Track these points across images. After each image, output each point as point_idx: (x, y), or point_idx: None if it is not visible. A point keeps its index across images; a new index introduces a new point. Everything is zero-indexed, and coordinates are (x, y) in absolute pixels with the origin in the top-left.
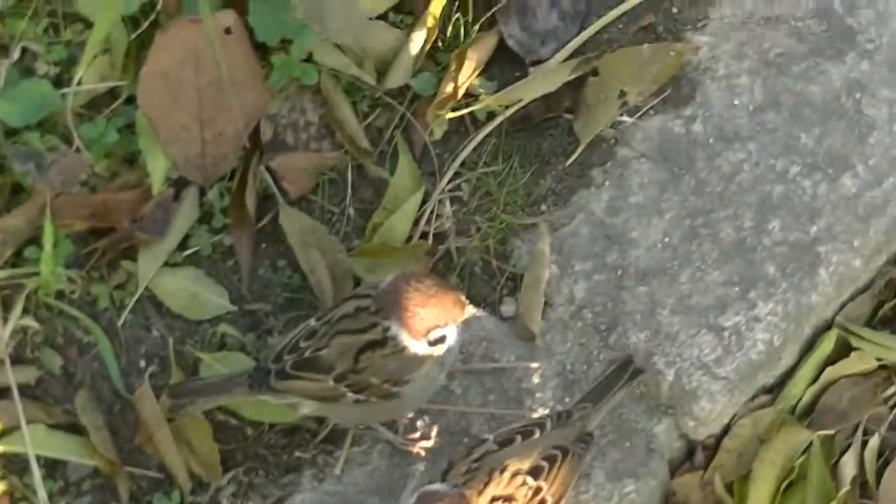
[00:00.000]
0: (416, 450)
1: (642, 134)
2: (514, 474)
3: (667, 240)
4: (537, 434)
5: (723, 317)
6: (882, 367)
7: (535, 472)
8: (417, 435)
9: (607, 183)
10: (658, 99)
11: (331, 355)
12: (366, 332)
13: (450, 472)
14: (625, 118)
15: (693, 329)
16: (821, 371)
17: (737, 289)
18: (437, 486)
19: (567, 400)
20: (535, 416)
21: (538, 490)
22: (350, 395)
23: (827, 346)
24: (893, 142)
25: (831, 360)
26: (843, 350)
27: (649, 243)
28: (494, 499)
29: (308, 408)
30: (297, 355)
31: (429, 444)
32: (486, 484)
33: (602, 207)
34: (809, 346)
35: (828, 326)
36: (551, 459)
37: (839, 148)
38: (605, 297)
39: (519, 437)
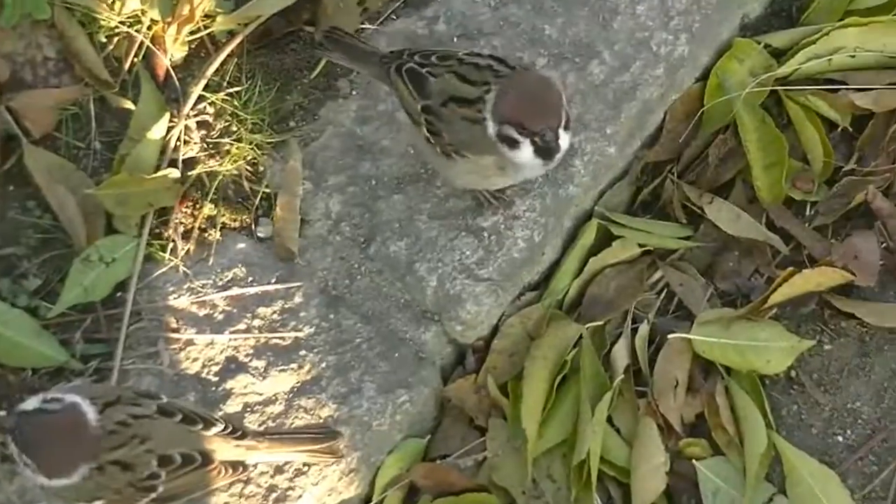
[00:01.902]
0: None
1: (386, 39)
2: (148, 451)
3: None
4: (200, 426)
5: (481, 218)
6: (645, 252)
7: (163, 462)
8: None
9: (354, 93)
10: (399, 2)
11: (435, 85)
12: (474, 88)
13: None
14: (367, 25)
15: (452, 233)
16: (585, 263)
17: None
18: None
19: (332, 317)
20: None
21: (154, 476)
22: (420, 127)
23: (588, 236)
24: (637, 25)
25: (594, 251)
26: (606, 240)
27: (401, 150)
28: (117, 462)
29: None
30: (421, 59)
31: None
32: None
33: (351, 118)
34: (572, 239)
35: (588, 217)
36: (188, 459)
37: (584, 36)
38: (362, 208)
39: (180, 415)
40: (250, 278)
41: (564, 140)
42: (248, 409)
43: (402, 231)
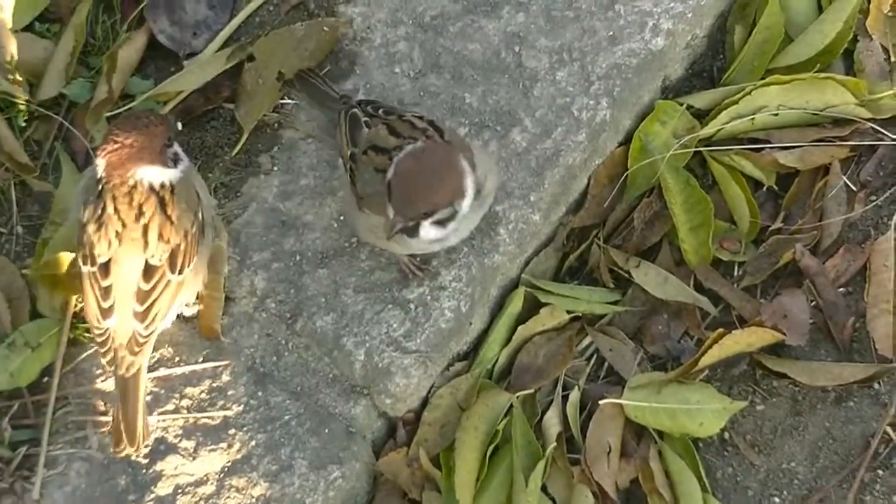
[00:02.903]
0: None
1: (306, 114)
2: None
3: (342, 218)
4: None
5: (406, 290)
6: (574, 318)
7: None
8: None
9: (276, 168)
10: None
11: (367, 135)
12: (395, 139)
13: None
14: (286, 100)
15: (378, 306)
16: (513, 331)
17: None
18: None
19: (260, 394)
20: (229, 413)
21: None
22: (346, 174)
23: (516, 304)
24: (557, 91)
25: (522, 319)
26: (534, 307)
27: (325, 224)
28: None
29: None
30: (370, 108)
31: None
32: None
33: (274, 194)
34: (499, 307)
35: (515, 285)
36: None
37: (505, 104)
38: (287, 284)
39: None
40: (177, 358)
41: (427, 231)
42: (180, 491)
43: (328, 305)
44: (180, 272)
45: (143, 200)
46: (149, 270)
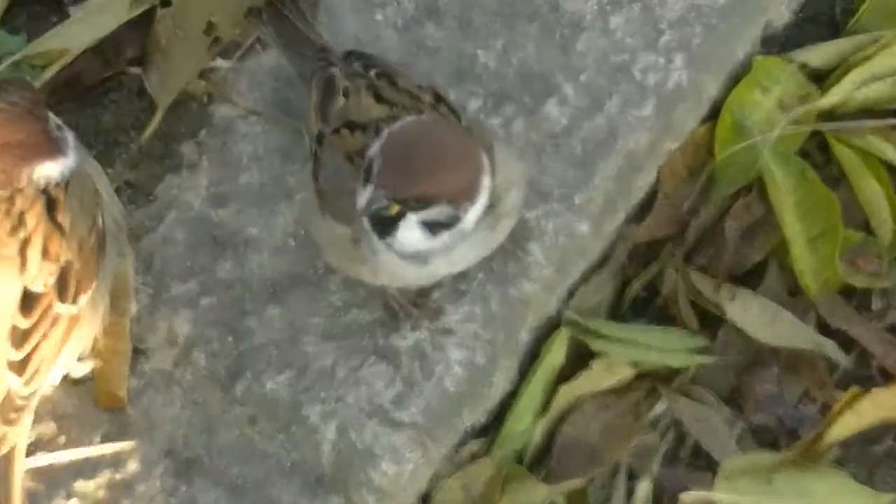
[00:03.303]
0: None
1: (248, 81)
2: None
3: (303, 232)
4: None
5: (396, 335)
6: (641, 375)
7: None
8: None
9: (205, 160)
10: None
11: (343, 107)
12: (379, 108)
13: None
14: (220, 62)
15: (356, 359)
16: (553, 393)
17: None
18: None
19: (184, 489)
20: None
21: None
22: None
23: (556, 354)
24: (611, 44)
25: (566, 376)
26: (582, 358)
27: (277, 241)
28: None
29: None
30: (358, 66)
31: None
32: None
33: (202, 198)
34: (532, 359)
35: (555, 326)
36: None
37: (535, 64)
38: (223, 328)
39: None
40: (63, 438)
41: (409, 232)
42: None
43: (282, 359)
44: (74, 301)
45: (27, 206)
46: (29, 300)
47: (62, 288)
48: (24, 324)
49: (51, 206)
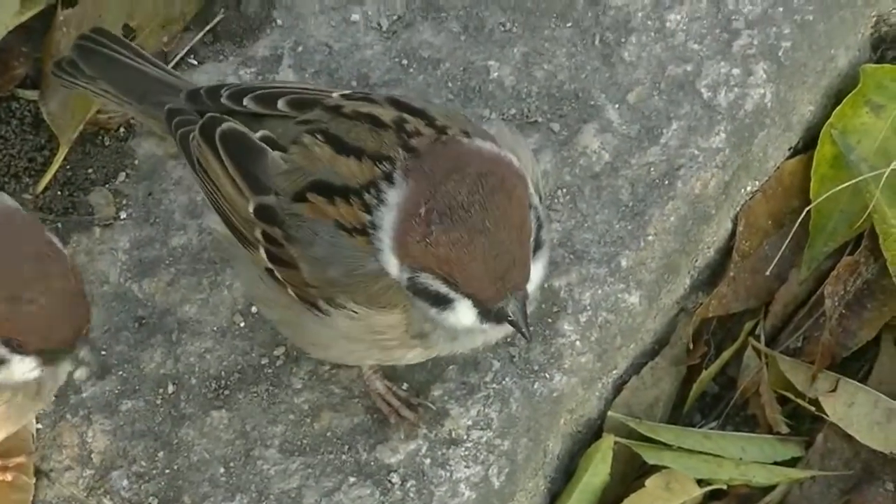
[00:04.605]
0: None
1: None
2: None
3: (255, 310)
4: None
5: (384, 445)
6: (714, 496)
7: None
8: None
9: (125, 215)
10: (204, 32)
11: (283, 163)
12: (360, 166)
13: None
14: None
15: (331, 479)
16: None
17: None
18: None
19: None
20: None
21: None
22: (263, 257)
23: (600, 468)
24: (668, 50)
25: (612, 496)
26: (634, 472)
27: (222, 322)
28: None
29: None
30: (255, 104)
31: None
32: None
33: (121, 265)
34: (567, 476)
35: (597, 431)
36: None
37: (567, 78)
38: (152, 440)
39: None
40: None
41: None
42: None
43: (231, 481)
44: None
45: None
46: None
47: None
48: None
49: None
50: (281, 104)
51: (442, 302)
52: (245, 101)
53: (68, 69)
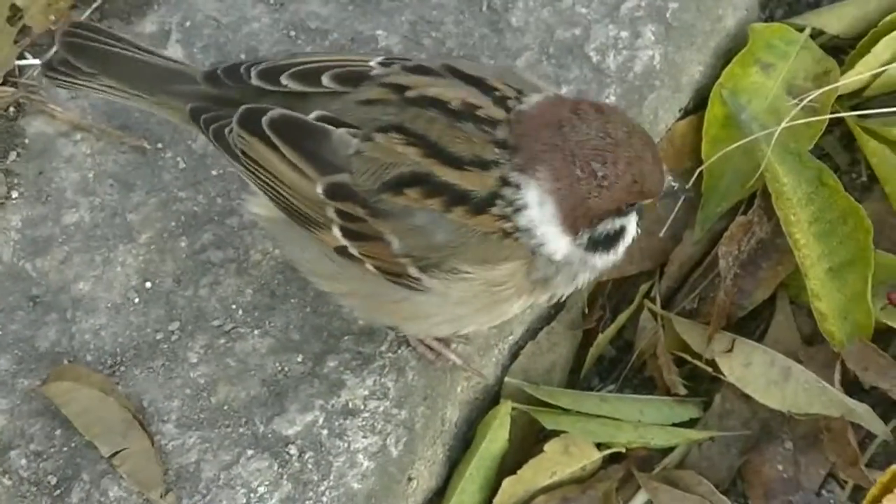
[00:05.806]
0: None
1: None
2: None
3: (149, 285)
4: None
5: (281, 417)
6: (613, 457)
7: None
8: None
9: (16, 193)
10: (91, 9)
11: (357, 144)
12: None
13: None
14: (31, 60)
15: (228, 451)
16: (495, 487)
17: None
18: None
19: None
20: None
21: None
22: (338, 235)
23: (497, 435)
24: (556, 15)
25: (510, 464)
26: (532, 438)
27: (116, 298)
28: None
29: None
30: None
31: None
32: None
33: (14, 243)
34: (466, 444)
35: (494, 398)
36: None
37: (454, 44)
38: (49, 418)
39: None
40: None
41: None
42: None
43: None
44: None
45: None
46: None
47: None
48: None
49: None
50: (326, 80)
51: (614, 239)
52: (283, 80)
53: (63, 69)
